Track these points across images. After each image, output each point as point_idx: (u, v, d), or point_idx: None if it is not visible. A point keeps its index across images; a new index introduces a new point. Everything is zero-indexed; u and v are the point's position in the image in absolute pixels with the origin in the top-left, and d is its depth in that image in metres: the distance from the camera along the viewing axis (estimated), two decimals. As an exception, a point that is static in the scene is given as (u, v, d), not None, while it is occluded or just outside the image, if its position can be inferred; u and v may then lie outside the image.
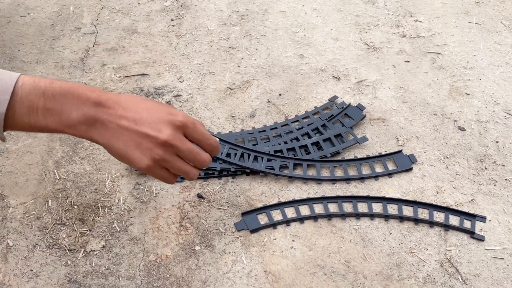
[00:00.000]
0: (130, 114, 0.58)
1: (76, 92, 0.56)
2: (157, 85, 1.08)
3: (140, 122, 0.58)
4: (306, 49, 1.18)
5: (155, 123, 0.58)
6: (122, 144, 0.58)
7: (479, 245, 0.79)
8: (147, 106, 0.59)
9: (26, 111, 0.55)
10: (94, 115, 0.57)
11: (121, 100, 0.58)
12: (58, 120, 0.57)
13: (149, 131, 0.58)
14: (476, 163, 0.92)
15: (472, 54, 1.17)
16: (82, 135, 0.58)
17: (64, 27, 1.24)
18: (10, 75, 0.54)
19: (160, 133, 0.58)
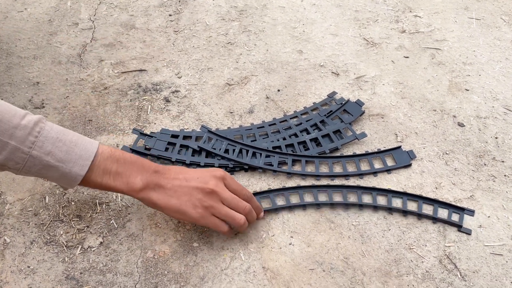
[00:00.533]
0: (181, 175, 0.72)
1: (141, 162, 0.71)
2: (155, 80, 1.07)
3: (189, 179, 0.72)
4: (305, 44, 1.18)
5: (202, 178, 0.72)
6: (177, 200, 0.71)
7: (478, 242, 0.78)
8: (194, 170, 0.74)
9: (101, 173, 0.68)
10: (154, 179, 0.71)
11: (173, 168, 0.74)
12: (125, 183, 0.70)
13: (197, 184, 0.71)
14: (475, 159, 0.91)
15: (472, 49, 1.16)
16: (143, 197, 0.70)
17: (62, 23, 1.23)
18: (91, 143, 0.68)
19: (207, 184, 0.71)
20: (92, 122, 0.97)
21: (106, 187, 0.69)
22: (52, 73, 1.08)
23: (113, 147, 0.69)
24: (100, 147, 0.68)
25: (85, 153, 0.66)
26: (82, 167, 0.66)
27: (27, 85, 1.04)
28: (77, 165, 0.66)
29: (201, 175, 0.72)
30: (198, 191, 0.71)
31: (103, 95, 1.03)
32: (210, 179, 0.72)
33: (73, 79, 1.07)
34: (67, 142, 0.66)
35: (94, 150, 0.67)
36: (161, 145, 0.89)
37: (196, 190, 0.71)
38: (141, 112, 0.99)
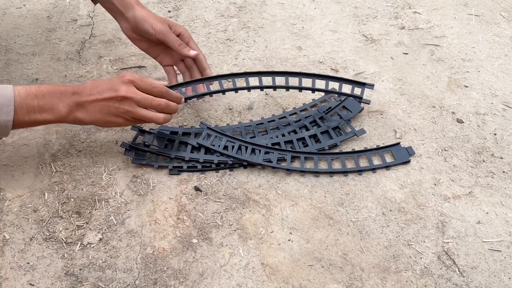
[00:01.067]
0: (95, 90, 0.77)
1: (57, 88, 0.77)
2: (154, 77, 1.07)
3: (102, 91, 0.77)
4: (304, 41, 1.18)
5: (112, 87, 0.77)
6: (99, 114, 0.78)
7: (476, 238, 0.79)
8: (104, 81, 0.79)
9: (26, 111, 0.74)
10: (74, 101, 0.77)
11: (87, 84, 0.78)
12: (51, 113, 0.76)
13: (110, 94, 0.77)
14: (474, 156, 0.92)
15: (471, 46, 1.16)
16: (73, 121, 0.78)
17: (60, 19, 1.23)
18: (6, 88, 0.72)
19: (117, 92, 0.77)
20: (91, 119, 0.96)
21: (36, 122, 0.76)
22: (51, 70, 1.08)
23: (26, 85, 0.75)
24: (15, 89, 0.73)
25: (3, 100, 0.71)
26: (8, 113, 0.71)
27: (26, 81, 1.04)
28: (3, 113, 0.71)
29: (111, 84, 0.77)
30: (112, 101, 0.77)
31: (102, 92, 1.03)
32: (119, 86, 0.77)
33: (72, 75, 1.07)
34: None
35: (11, 93, 0.72)
36: (160, 142, 0.89)
37: (111, 101, 0.77)
38: (140, 109, 0.99)
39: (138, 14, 0.91)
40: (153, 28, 0.91)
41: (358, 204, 0.83)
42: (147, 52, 0.97)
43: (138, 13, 0.91)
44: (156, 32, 0.91)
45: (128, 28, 0.94)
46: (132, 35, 0.95)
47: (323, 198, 0.84)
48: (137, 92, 0.79)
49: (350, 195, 0.84)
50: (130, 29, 0.94)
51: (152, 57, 0.98)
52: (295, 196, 0.84)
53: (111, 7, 0.94)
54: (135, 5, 0.92)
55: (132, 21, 0.92)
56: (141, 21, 0.91)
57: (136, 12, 0.91)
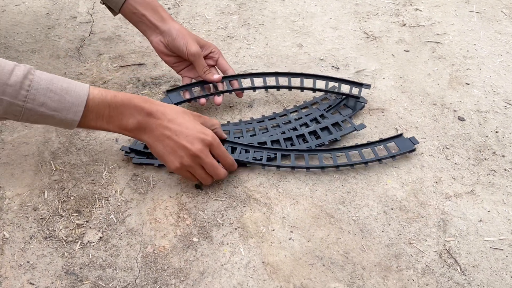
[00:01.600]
0: (173, 127, 0.75)
1: (133, 103, 0.74)
2: (154, 75, 1.06)
3: (179, 134, 0.75)
4: (305, 38, 1.17)
5: (191, 138, 0.75)
6: (162, 148, 0.76)
7: (478, 236, 0.78)
8: (186, 121, 0.76)
9: (94, 117, 0.73)
10: (146, 122, 0.75)
11: (167, 112, 0.75)
12: (118, 125, 0.75)
13: (185, 143, 0.75)
14: (476, 154, 0.91)
15: (472, 43, 1.16)
16: (135, 136, 0.77)
17: (60, 16, 1.22)
18: (82, 88, 0.70)
19: (193, 146, 0.75)
20: (91, 117, 0.96)
21: (100, 128, 0.75)
22: (51, 67, 1.07)
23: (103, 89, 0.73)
24: (91, 92, 0.71)
25: (76, 100, 0.70)
26: (76, 113, 0.70)
27: (25, 79, 1.03)
28: (71, 112, 0.70)
29: (191, 134, 0.76)
30: (182, 149, 0.75)
31: (102, 89, 1.02)
32: (197, 142, 0.76)
33: (72, 73, 1.06)
34: (58, 90, 0.69)
35: (85, 96, 0.70)
36: None
37: (181, 148, 0.75)
38: (140, 107, 0.99)
39: (175, 30, 0.91)
40: (187, 49, 0.91)
41: (359, 202, 0.83)
42: (171, 66, 0.98)
43: (175, 29, 0.92)
44: (189, 54, 0.92)
45: (161, 42, 0.93)
46: (163, 50, 0.94)
47: (324, 196, 0.84)
48: (209, 156, 0.78)
49: (351, 193, 0.84)
50: (163, 44, 0.93)
51: (175, 70, 0.99)
52: (296, 194, 0.84)
53: (141, 20, 0.93)
54: (170, 20, 0.93)
55: (167, 36, 0.92)
56: (177, 38, 0.91)
57: (172, 27, 0.92)
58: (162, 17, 0.92)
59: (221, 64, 0.97)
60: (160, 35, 0.93)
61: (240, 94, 0.98)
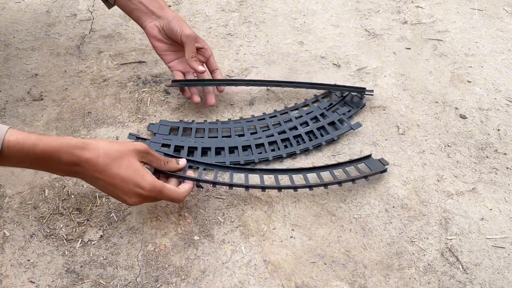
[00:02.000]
0: (107, 179, 0.67)
1: (56, 157, 0.64)
2: (155, 72, 1.06)
3: (114, 186, 0.68)
4: (306, 35, 1.17)
5: (126, 192, 0.68)
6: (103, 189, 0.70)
7: (480, 234, 0.78)
8: (121, 171, 0.67)
9: (15, 164, 0.65)
10: (76, 171, 0.67)
11: (99, 162, 0.66)
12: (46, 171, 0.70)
13: (121, 195, 0.69)
14: (478, 152, 0.91)
15: (474, 41, 1.15)
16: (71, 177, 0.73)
17: (60, 14, 1.22)
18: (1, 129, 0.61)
19: (130, 199, 0.69)
20: (91, 115, 0.96)
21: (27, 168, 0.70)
22: (51, 65, 1.07)
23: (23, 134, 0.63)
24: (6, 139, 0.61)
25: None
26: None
27: (25, 77, 1.03)
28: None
29: (126, 188, 0.68)
30: (120, 199, 0.70)
31: (102, 87, 1.02)
32: (134, 197, 0.69)
33: (72, 71, 1.06)
34: None
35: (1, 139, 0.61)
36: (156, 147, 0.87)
37: (119, 198, 0.70)
38: (140, 104, 0.98)
39: (171, 16, 0.92)
40: (182, 30, 0.90)
41: (360, 200, 0.83)
42: (161, 55, 0.97)
43: (171, 15, 0.92)
44: (183, 35, 0.90)
45: (155, 26, 0.93)
46: (156, 34, 0.94)
47: (325, 194, 0.83)
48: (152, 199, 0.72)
49: (353, 191, 0.84)
50: (157, 28, 0.93)
51: (165, 62, 0.97)
52: (297, 192, 0.83)
53: (137, 7, 0.93)
54: (168, 9, 0.94)
55: (163, 19, 0.92)
56: (173, 21, 0.91)
57: (169, 13, 0.92)
58: (160, 5, 0.93)
59: (211, 63, 0.96)
60: (155, 20, 0.93)
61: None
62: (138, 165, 0.70)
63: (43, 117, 0.95)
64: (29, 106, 0.97)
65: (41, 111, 0.96)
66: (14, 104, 0.97)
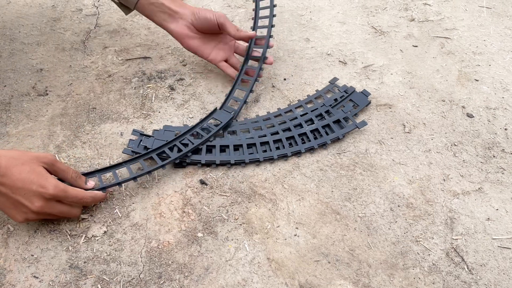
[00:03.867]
0: (8, 182, 0.66)
1: None
2: (160, 68, 1.06)
3: (16, 191, 0.66)
4: (312, 32, 1.16)
5: (29, 195, 0.67)
6: (0, 204, 0.68)
7: (486, 235, 0.77)
8: (24, 175, 0.67)
9: None
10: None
11: (1, 165, 0.65)
12: None
13: (23, 201, 0.67)
14: (484, 151, 0.90)
15: (482, 39, 1.14)
16: None
17: (65, 8, 1.22)
18: None
19: (33, 204, 0.68)
20: (96, 110, 0.96)
21: None
22: (56, 60, 1.07)
23: None
24: None
25: None
26: None
27: (30, 71, 1.03)
28: None
29: (28, 190, 0.67)
30: (23, 206, 0.68)
31: (107, 83, 1.02)
32: (37, 199, 0.68)
33: (77, 66, 1.05)
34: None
35: None
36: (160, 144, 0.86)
37: (21, 206, 0.68)
38: (145, 100, 0.98)
39: (193, 8, 0.94)
40: (213, 15, 0.93)
41: (365, 199, 0.82)
42: (198, 51, 0.97)
43: (193, 8, 0.94)
44: (217, 16, 0.93)
45: (184, 26, 0.94)
46: (187, 33, 0.95)
47: (330, 193, 0.83)
48: (54, 207, 0.71)
49: (358, 190, 0.83)
50: (186, 26, 0.94)
51: (203, 56, 0.98)
52: (302, 190, 0.83)
53: (160, 10, 0.93)
54: (188, 5, 0.95)
55: (190, 15, 0.93)
56: (201, 12, 0.93)
57: (192, 8, 0.94)
58: (180, 3, 0.94)
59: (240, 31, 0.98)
60: (181, 19, 0.94)
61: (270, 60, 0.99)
62: (42, 169, 0.69)
63: (48, 112, 0.95)
64: (34, 101, 0.97)
65: (46, 106, 0.96)
66: (19, 98, 0.97)
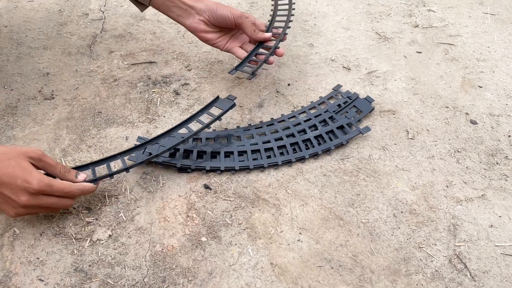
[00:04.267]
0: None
1: None
2: (165, 73, 1.06)
3: (2, 186, 0.67)
4: (316, 38, 1.17)
5: (15, 190, 0.68)
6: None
7: (489, 242, 0.78)
8: (8, 171, 0.67)
9: None
10: None
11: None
12: None
13: (10, 195, 0.68)
14: (488, 158, 0.90)
15: (486, 45, 1.14)
16: None
17: (72, 13, 1.23)
18: None
19: (19, 199, 0.68)
20: (101, 114, 0.96)
21: None
22: (62, 64, 1.08)
23: None
24: None
25: None
26: None
27: (37, 75, 1.04)
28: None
29: (14, 184, 0.68)
30: (11, 201, 0.69)
31: (113, 87, 1.03)
32: (22, 194, 0.68)
33: (83, 70, 1.06)
34: None
35: None
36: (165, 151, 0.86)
37: (9, 200, 0.69)
38: (150, 105, 0.99)
39: (211, 3, 0.94)
40: (232, 13, 0.93)
41: (369, 205, 0.82)
42: (214, 44, 0.98)
43: (212, 3, 0.94)
44: (236, 17, 0.93)
45: (200, 21, 0.94)
46: (204, 28, 0.95)
47: (333, 198, 0.83)
48: (42, 199, 0.71)
49: (361, 195, 0.84)
50: (203, 21, 0.94)
51: (218, 47, 0.98)
52: (305, 195, 0.83)
53: (175, 5, 0.94)
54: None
55: (206, 11, 0.93)
56: (218, 8, 0.93)
57: (208, 3, 0.94)
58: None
59: (258, 25, 0.97)
60: (197, 14, 0.94)
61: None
62: (27, 164, 0.70)
63: (54, 116, 0.96)
64: (40, 105, 0.98)
65: (52, 110, 0.97)
66: (26, 102, 0.98)
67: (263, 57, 0.94)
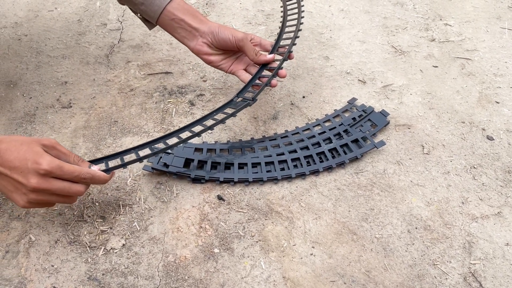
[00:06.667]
0: (6, 163, 0.68)
1: None
2: (181, 83, 1.07)
3: (13, 170, 0.68)
4: (332, 51, 1.17)
5: (25, 173, 0.68)
6: (2, 187, 0.70)
7: (504, 260, 0.76)
8: (20, 155, 0.68)
9: None
10: None
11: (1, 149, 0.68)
12: None
13: (20, 179, 0.68)
14: (504, 174, 0.89)
15: (504, 60, 1.13)
16: None
17: (90, 23, 1.25)
18: None
19: (29, 181, 0.68)
20: (117, 123, 0.97)
21: None
22: (80, 73, 1.09)
23: None
24: None
25: None
26: None
27: (55, 84, 1.06)
28: None
29: (24, 167, 0.68)
30: (21, 186, 0.69)
31: (129, 97, 1.04)
32: (32, 176, 0.68)
33: (100, 79, 1.08)
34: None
35: None
36: (179, 162, 0.88)
37: (20, 185, 0.68)
38: (165, 115, 1.00)
39: (215, 27, 0.93)
40: (234, 36, 0.92)
41: (382, 220, 0.82)
42: (219, 66, 0.96)
43: (215, 26, 0.93)
44: (237, 40, 0.92)
45: (203, 43, 0.93)
46: (207, 50, 0.94)
47: (347, 212, 0.83)
48: (52, 183, 0.69)
49: (375, 210, 0.83)
50: (206, 44, 0.93)
51: (223, 70, 0.97)
52: (319, 209, 0.83)
53: (180, 26, 0.93)
54: (208, 21, 0.94)
55: (209, 33, 0.92)
56: (220, 31, 0.92)
57: (212, 26, 0.93)
58: (201, 20, 0.94)
59: (264, 45, 0.96)
60: (201, 36, 0.93)
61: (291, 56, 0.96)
62: (39, 149, 0.69)
63: (71, 124, 0.97)
64: (58, 113, 0.99)
65: (69, 119, 0.98)
66: (44, 110, 0.99)
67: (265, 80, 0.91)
